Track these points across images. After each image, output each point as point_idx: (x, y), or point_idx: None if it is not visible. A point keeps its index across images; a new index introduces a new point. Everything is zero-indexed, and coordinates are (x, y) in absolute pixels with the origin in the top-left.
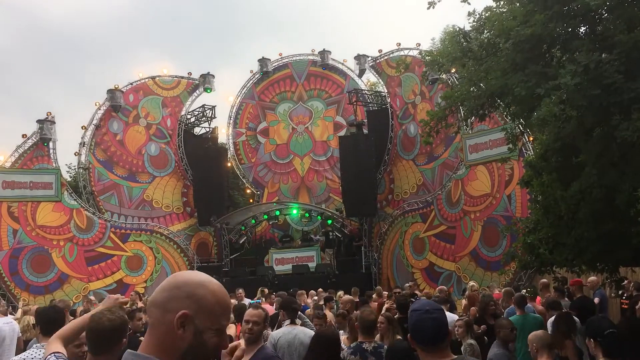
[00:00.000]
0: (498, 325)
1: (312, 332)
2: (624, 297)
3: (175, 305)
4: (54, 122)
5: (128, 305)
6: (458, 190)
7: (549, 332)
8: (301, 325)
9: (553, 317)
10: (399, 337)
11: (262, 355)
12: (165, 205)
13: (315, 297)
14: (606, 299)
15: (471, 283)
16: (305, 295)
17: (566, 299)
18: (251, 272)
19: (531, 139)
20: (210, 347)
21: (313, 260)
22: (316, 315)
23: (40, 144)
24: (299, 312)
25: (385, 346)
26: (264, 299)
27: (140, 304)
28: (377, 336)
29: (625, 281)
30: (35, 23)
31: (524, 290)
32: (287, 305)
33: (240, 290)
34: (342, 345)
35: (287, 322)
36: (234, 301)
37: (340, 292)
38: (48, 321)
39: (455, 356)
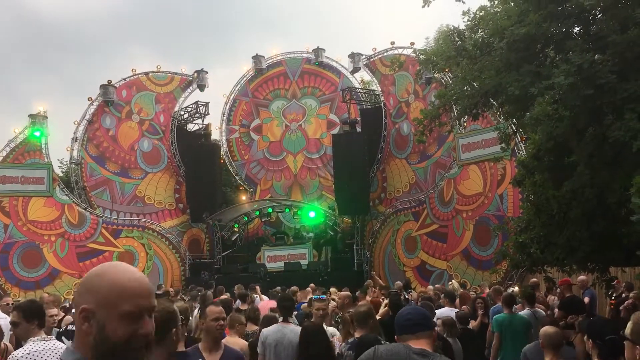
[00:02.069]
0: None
1: None
2: (613, 297)
3: (79, 301)
4: (46, 117)
5: None
6: (450, 190)
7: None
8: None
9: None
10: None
11: (233, 356)
12: (157, 202)
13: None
14: (596, 298)
15: (450, 282)
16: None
17: (555, 298)
18: (243, 269)
19: (524, 138)
20: (117, 337)
21: (305, 258)
22: (318, 300)
23: (32, 138)
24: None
25: (382, 341)
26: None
27: None
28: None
29: (615, 281)
30: (26, 17)
31: (513, 290)
32: (280, 302)
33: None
34: (336, 342)
35: (280, 319)
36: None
37: (334, 289)
38: (31, 315)
39: (430, 350)
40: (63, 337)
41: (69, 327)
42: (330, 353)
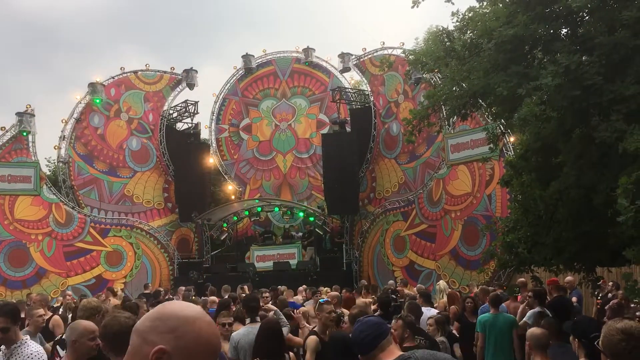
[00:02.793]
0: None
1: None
2: (599, 297)
3: (155, 338)
4: (34, 115)
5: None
6: (439, 190)
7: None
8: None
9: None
10: None
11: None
12: (146, 201)
13: (304, 293)
14: (582, 298)
15: (439, 282)
16: (293, 293)
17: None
18: (232, 269)
19: (512, 139)
20: None
21: (294, 258)
22: (326, 303)
23: (20, 136)
24: (277, 310)
25: None
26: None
27: (114, 301)
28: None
29: (601, 281)
30: (12, 13)
31: (499, 290)
32: (245, 303)
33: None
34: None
35: (247, 320)
36: None
37: (327, 289)
38: (16, 317)
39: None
40: (58, 347)
41: (64, 337)
42: (282, 349)
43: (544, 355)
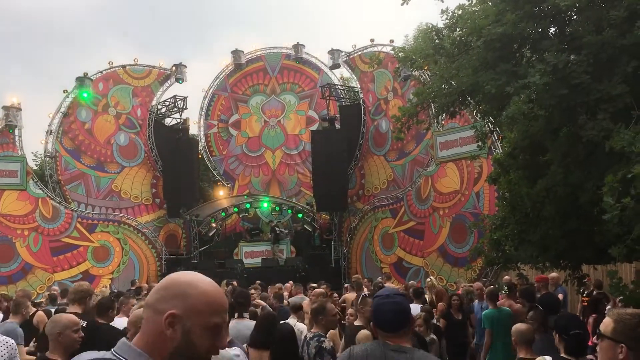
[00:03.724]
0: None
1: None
2: (584, 295)
3: (164, 306)
4: (20, 109)
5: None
6: (428, 187)
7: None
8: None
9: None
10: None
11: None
12: (133, 196)
13: (292, 290)
14: (567, 295)
15: (428, 279)
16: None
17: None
18: (220, 265)
19: (500, 137)
20: (201, 347)
21: (283, 254)
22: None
23: (6, 130)
24: (265, 305)
25: (317, 337)
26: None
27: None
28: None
29: (586, 278)
30: None
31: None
32: (235, 299)
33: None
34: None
35: (235, 315)
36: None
37: (314, 285)
38: None
39: (407, 346)
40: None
41: None
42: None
43: (529, 349)
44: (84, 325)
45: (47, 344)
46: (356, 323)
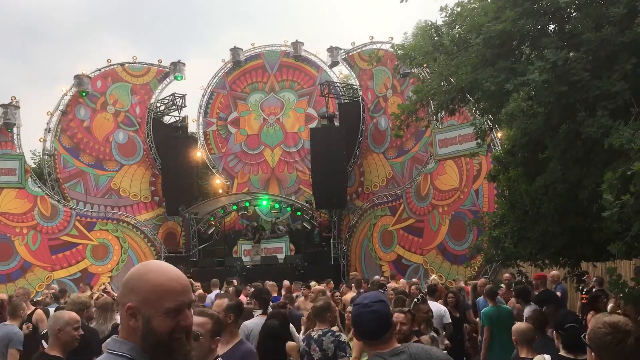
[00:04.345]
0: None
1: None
2: (583, 292)
3: (125, 300)
4: (19, 107)
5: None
6: (427, 184)
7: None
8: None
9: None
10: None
11: (242, 350)
12: (132, 194)
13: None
14: (566, 292)
15: (432, 277)
16: (277, 288)
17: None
18: (219, 263)
19: (499, 135)
20: (162, 331)
21: (282, 252)
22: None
23: (4, 129)
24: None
25: (330, 333)
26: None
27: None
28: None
29: (586, 275)
30: None
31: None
32: (258, 295)
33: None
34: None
35: (259, 312)
36: None
37: (313, 282)
38: None
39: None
40: (43, 341)
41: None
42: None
43: (530, 349)
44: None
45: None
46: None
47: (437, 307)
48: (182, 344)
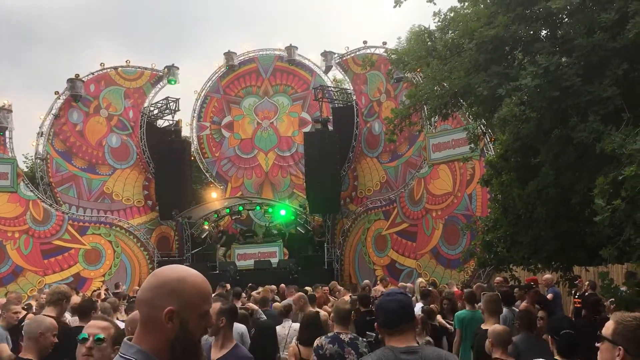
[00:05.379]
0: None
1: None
2: (576, 296)
3: (160, 303)
4: (11, 111)
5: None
6: (420, 189)
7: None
8: (256, 319)
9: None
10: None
11: (238, 355)
12: (125, 198)
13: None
14: (560, 296)
15: (419, 279)
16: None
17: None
18: (213, 267)
19: (492, 139)
20: (197, 332)
21: (275, 256)
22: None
23: None
24: (258, 309)
25: (361, 338)
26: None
27: (74, 299)
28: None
29: (578, 280)
30: None
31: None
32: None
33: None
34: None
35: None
36: None
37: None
38: None
39: (416, 344)
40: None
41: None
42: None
43: (504, 351)
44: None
45: None
46: (485, 327)
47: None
48: (201, 347)
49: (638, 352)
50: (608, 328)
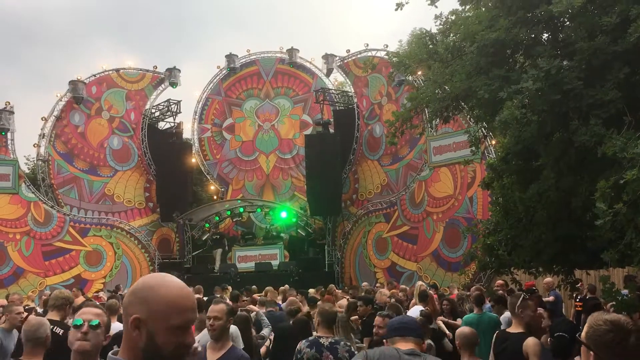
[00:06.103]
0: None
1: None
2: (577, 300)
3: (132, 310)
4: (13, 112)
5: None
6: (421, 192)
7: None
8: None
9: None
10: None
11: (236, 356)
12: (126, 200)
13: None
14: (561, 299)
15: (419, 282)
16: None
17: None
18: (213, 269)
19: (493, 142)
20: (165, 347)
21: (276, 258)
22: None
23: None
24: (258, 311)
25: (342, 342)
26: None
27: (78, 300)
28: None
29: (579, 283)
30: None
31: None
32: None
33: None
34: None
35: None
36: None
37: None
38: None
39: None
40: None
41: None
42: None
43: (472, 354)
44: (60, 333)
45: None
46: (513, 330)
47: (415, 311)
48: None
49: (607, 356)
50: (584, 331)
